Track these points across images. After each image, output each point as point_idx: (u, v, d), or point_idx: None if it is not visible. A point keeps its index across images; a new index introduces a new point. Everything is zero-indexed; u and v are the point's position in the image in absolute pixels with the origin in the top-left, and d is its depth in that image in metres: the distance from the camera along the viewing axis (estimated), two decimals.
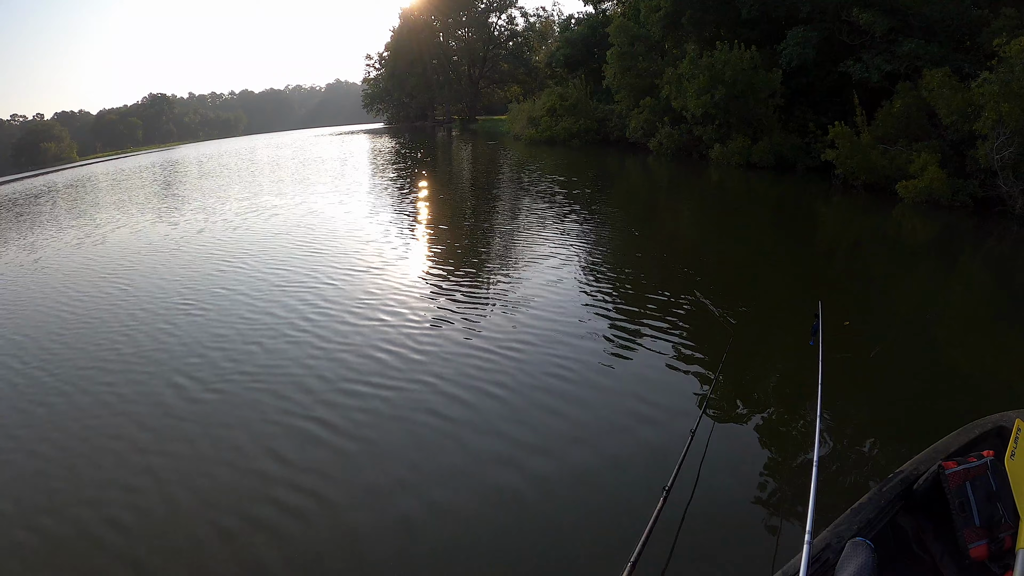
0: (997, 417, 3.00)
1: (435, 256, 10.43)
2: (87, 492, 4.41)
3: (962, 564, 2.41)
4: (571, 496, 3.93)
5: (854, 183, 13.50)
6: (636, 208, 14.83)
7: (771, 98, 17.72)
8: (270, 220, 15.06)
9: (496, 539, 3.65)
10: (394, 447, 4.65)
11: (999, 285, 7.97)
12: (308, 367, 6.11)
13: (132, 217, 18.58)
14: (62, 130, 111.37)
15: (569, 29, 39.35)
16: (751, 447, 4.35)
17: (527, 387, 5.38)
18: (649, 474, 3.97)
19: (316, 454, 4.59)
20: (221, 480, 4.39)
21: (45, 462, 4.87)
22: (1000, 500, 2.40)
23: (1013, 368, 5.30)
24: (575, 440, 4.52)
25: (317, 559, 3.58)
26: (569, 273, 8.69)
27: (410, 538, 3.69)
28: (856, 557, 2.21)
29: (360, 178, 24.55)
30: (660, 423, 4.67)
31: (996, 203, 10.81)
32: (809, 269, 8.84)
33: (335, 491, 4.15)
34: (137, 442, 4.99)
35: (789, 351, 5.72)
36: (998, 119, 10.34)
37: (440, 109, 75.56)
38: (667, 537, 3.36)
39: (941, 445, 2.88)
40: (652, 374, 5.57)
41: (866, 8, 14.99)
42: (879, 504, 2.60)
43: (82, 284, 10.47)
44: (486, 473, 4.23)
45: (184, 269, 10.83)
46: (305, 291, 8.62)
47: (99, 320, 8.30)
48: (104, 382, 6.24)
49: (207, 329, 7.51)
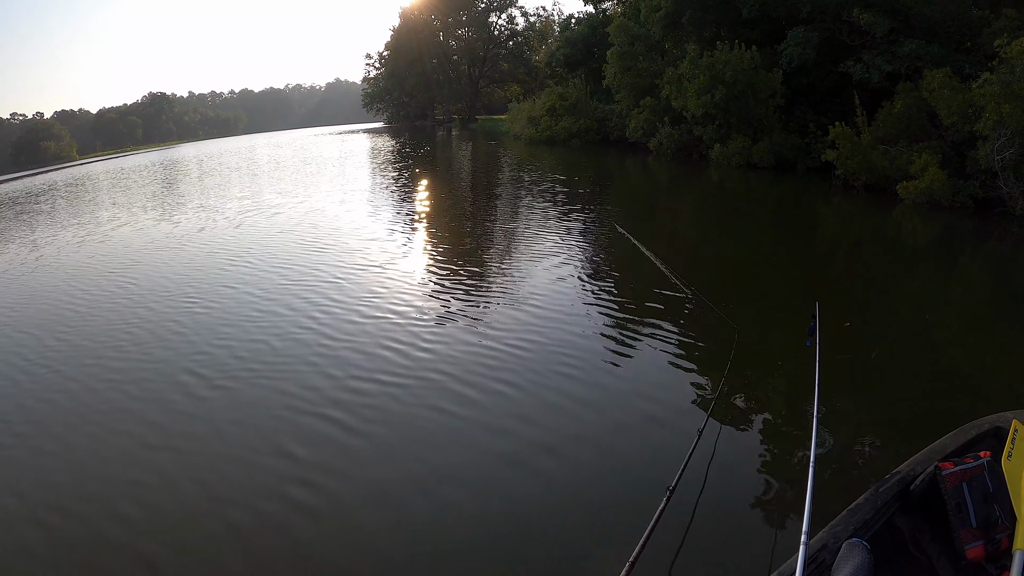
0: (994, 418, 3.01)
1: (437, 255, 10.45)
2: (93, 487, 4.44)
3: (958, 565, 2.42)
4: (574, 494, 3.95)
5: (854, 183, 13.52)
6: (636, 207, 14.87)
7: (771, 98, 17.73)
8: (273, 218, 15.12)
9: (499, 535, 3.68)
10: (400, 443, 4.68)
11: (999, 286, 7.99)
12: (314, 364, 6.14)
13: (134, 215, 18.61)
14: (62, 129, 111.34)
15: (569, 29, 39.36)
16: (752, 447, 4.37)
17: (534, 385, 5.40)
18: (653, 473, 3.98)
19: (323, 450, 4.62)
20: (228, 476, 4.42)
21: (50, 458, 4.90)
22: (997, 501, 2.40)
23: (1013, 369, 5.31)
24: (580, 438, 4.55)
25: (324, 553, 3.61)
26: (571, 271, 8.72)
27: (415, 534, 3.72)
28: (852, 558, 2.22)
29: (361, 176, 24.63)
30: (665, 422, 4.69)
31: (997, 204, 10.84)
32: (810, 270, 8.86)
33: (342, 487, 4.19)
34: (143, 438, 5.02)
35: (790, 351, 5.73)
36: (999, 120, 10.35)
37: (440, 108, 75.62)
38: (667, 536, 3.36)
39: (938, 446, 2.89)
40: (656, 373, 5.60)
41: (867, 8, 15.00)
42: (875, 505, 2.60)
43: (86, 281, 10.51)
44: (491, 470, 4.26)
45: (187, 267, 10.88)
46: (310, 289, 8.65)
47: (103, 318, 8.33)
48: (108, 379, 6.27)
49: (213, 327, 7.54)
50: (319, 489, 4.16)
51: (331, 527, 3.82)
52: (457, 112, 71.40)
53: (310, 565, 3.55)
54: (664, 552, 3.31)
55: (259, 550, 3.69)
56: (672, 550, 3.36)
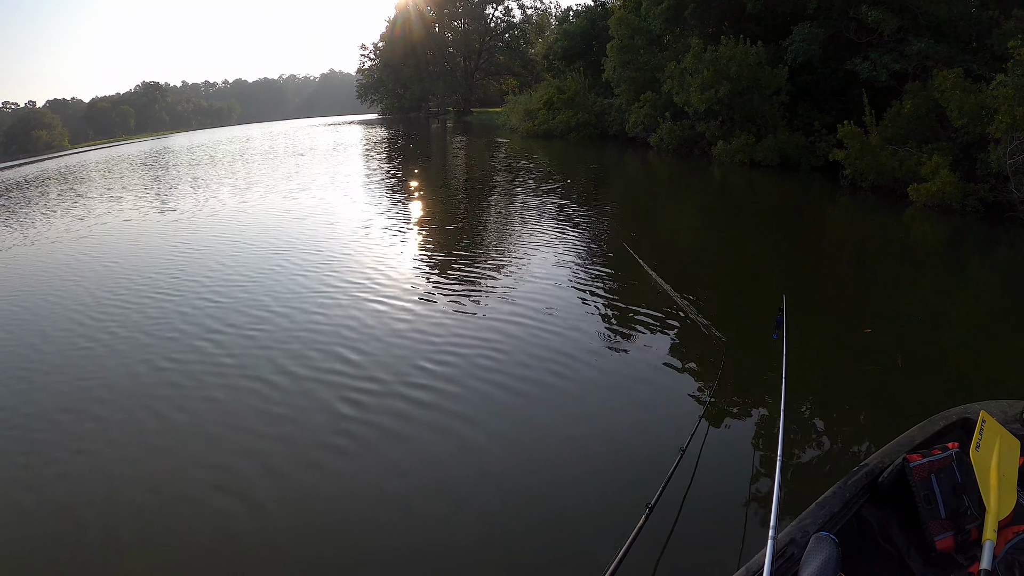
0: (961, 409, 3.00)
1: (427, 252, 10.17)
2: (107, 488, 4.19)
3: (928, 556, 2.41)
4: (553, 509, 3.81)
5: (861, 184, 13.30)
6: (634, 206, 14.62)
7: (776, 95, 17.49)
8: (267, 209, 14.79)
9: (472, 550, 3.54)
10: (373, 450, 4.55)
11: (1010, 291, 7.80)
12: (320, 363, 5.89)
13: (128, 204, 18.20)
14: (54, 118, 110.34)
15: (568, 21, 39.03)
16: (735, 459, 4.24)
17: (510, 394, 5.21)
18: (634, 490, 3.82)
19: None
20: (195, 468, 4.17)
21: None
22: (966, 492, 2.43)
23: (1016, 371, 5.24)
24: (557, 451, 4.42)
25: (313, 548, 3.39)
26: (561, 275, 8.42)
27: (382, 544, 3.61)
28: (820, 551, 2.15)
29: (355, 168, 24.32)
30: (649, 437, 4.54)
31: (1006, 208, 10.63)
32: (813, 275, 8.62)
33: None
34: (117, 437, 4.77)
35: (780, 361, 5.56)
36: (1012, 123, 10.13)
37: (435, 101, 75.19)
38: (645, 550, 3.23)
39: (905, 438, 2.87)
40: (642, 385, 5.36)
41: (875, 6, 14.76)
42: (844, 498, 2.57)
43: (87, 268, 10.36)
44: (466, 483, 4.12)
45: (183, 257, 10.74)
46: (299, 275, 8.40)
47: (119, 308, 8.04)
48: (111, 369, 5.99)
49: (205, 321, 7.26)
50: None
51: (314, 530, 3.59)
52: (452, 104, 70.94)
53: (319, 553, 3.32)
54: (640, 558, 3.18)
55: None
56: (650, 560, 3.27)
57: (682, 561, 3.33)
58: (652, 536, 3.35)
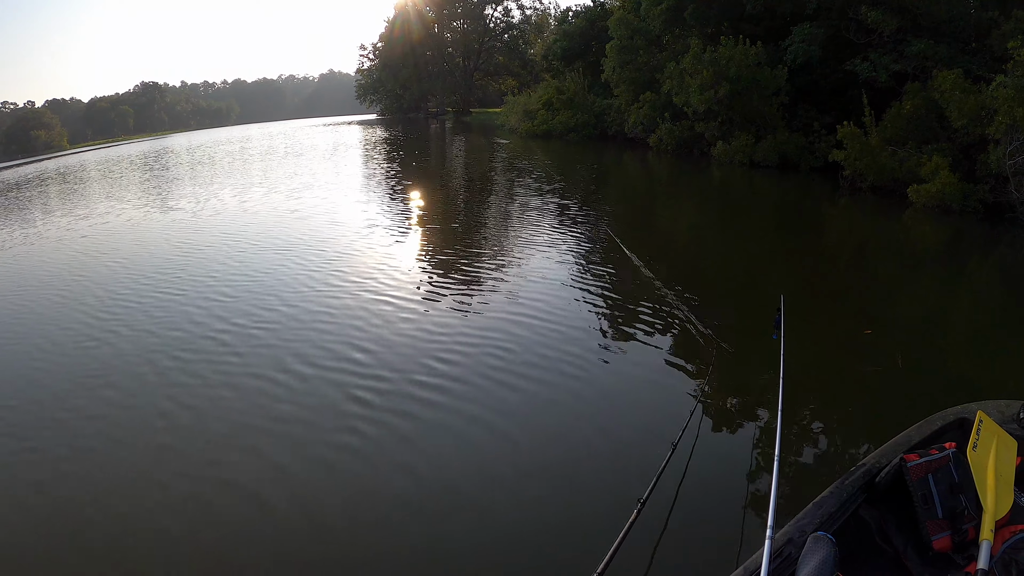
0: (958, 409, 3.01)
1: (430, 252, 10.23)
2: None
3: (925, 556, 2.41)
4: (542, 505, 3.85)
5: (860, 185, 13.33)
6: (633, 206, 14.66)
7: (776, 96, 17.52)
8: (270, 209, 14.83)
9: (464, 545, 3.57)
10: (376, 445, 4.59)
11: (1010, 291, 7.84)
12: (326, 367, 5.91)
13: (129, 203, 18.19)
14: (53, 118, 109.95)
15: (567, 22, 39.05)
16: (727, 456, 4.28)
17: (508, 391, 5.25)
18: (625, 486, 3.87)
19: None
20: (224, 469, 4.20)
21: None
22: (963, 492, 2.42)
23: (1015, 371, 5.26)
24: (562, 446, 4.46)
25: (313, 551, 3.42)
26: (557, 275, 8.46)
27: (387, 543, 3.65)
28: (818, 551, 2.17)
29: (355, 169, 24.34)
30: (640, 433, 4.56)
31: (1006, 209, 10.67)
32: (812, 276, 8.61)
33: (318, 496, 4.00)
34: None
35: (776, 359, 5.57)
36: (1012, 123, 10.17)
37: (434, 101, 75.08)
38: (637, 545, 3.25)
39: (902, 438, 2.88)
40: (634, 384, 5.43)
41: (875, 6, 14.79)
42: (841, 497, 2.58)
43: (91, 264, 10.28)
44: (460, 479, 4.16)
45: (186, 256, 10.76)
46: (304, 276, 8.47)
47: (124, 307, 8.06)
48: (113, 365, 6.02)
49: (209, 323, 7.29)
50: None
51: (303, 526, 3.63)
52: (451, 105, 70.89)
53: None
54: (631, 555, 3.19)
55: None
56: (645, 557, 3.29)
57: (682, 560, 3.34)
58: (652, 536, 3.38)
